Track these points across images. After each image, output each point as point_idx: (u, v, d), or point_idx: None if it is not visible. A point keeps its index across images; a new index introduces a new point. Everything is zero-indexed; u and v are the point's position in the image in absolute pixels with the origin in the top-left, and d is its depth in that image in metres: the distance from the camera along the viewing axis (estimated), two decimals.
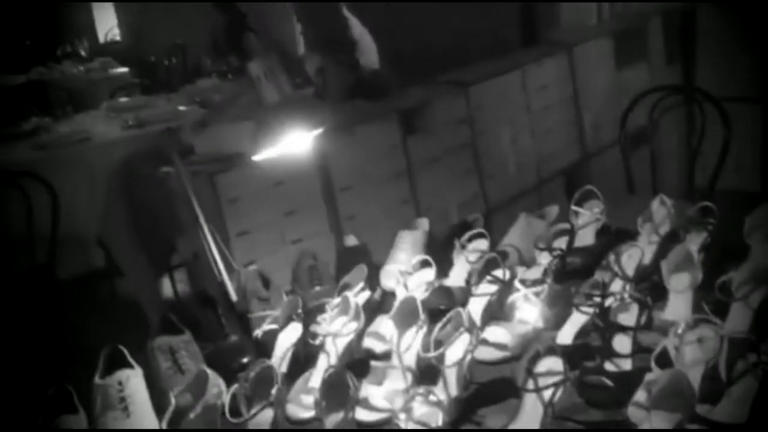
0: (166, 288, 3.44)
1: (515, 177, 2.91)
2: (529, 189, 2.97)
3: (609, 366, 1.20)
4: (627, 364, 1.20)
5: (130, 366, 1.32)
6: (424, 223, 1.83)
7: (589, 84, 3.27)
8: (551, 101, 3.11)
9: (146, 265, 2.94)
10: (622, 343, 1.24)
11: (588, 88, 3.26)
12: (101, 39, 7.51)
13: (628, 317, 1.29)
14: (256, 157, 1.36)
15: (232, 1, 4.67)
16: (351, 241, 1.83)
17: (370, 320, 1.44)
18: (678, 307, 1.33)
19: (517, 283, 1.44)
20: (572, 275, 1.55)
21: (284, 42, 5.37)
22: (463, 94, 2.71)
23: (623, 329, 1.26)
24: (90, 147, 3.42)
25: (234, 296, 1.61)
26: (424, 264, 1.60)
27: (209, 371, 1.30)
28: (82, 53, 5.75)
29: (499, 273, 1.50)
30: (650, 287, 1.41)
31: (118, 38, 7.44)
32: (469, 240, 1.67)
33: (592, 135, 3.27)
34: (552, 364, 1.16)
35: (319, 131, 1.34)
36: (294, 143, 1.34)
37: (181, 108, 3.78)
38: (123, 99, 4.18)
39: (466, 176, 2.72)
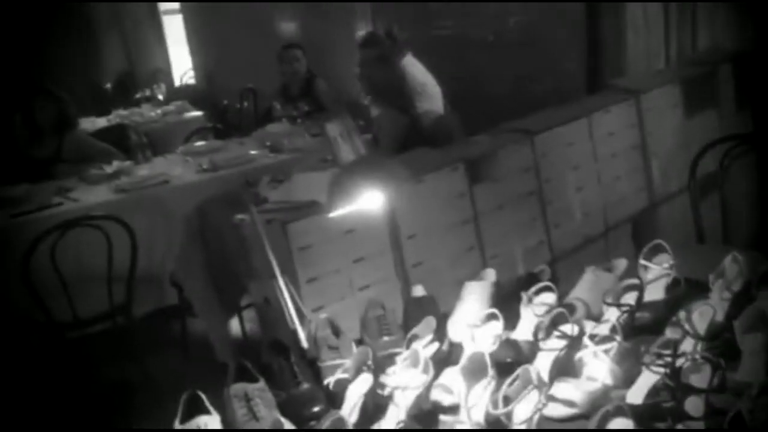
0: (235, 327, 3.55)
1: (581, 225, 2.90)
2: (595, 237, 2.95)
3: (681, 428, 1.19)
4: (699, 427, 1.19)
5: (207, 411, 1.38)
6: (490, 275, 1.85)
7: (657, 131, 3.25)
8: (618, 148, 3.10)
9: (217, 305, 3.04)
10: (694, 404, 1.23)
11: (656, 135, 3.24)
12: (176, 83, 7.84)
13: (701, 378, 1.28)
14: (332, 213, 1.42)
15: (296, 48, 4.85)
16: (418, 291, 1.87)
17: (438, 372, 1.46)
18: (752, 368, 1.31)
19: (585, 339, 1.45)
20: (642, 331, 1.55)
21: (348, 87, 5.53)
22: (529, 142, 2.73)
23: (695, 390, 1.25)
24: (167, 190, 3.56)
25: (305, 344, 1.67)
26: (492, 316, 1.62)
27: (283, 419, 1.35)
28: (160, 97, 6.03)
29: (567, 328, 1.51)
30: (723, 347, 1.39)
31: (192, 81, 7.76)
32: (536, 293, 1.68)
33: (660, 182, 3.23)
34: (622, 424, 1.16)
35: (390, 186, 1.40)
36: (368, 200, 1.40)
37: (253, 152, 3.91)
38: (198, 143, 4.34)
39: (531, 224, 2.73)
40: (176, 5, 7.60)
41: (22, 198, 3.46)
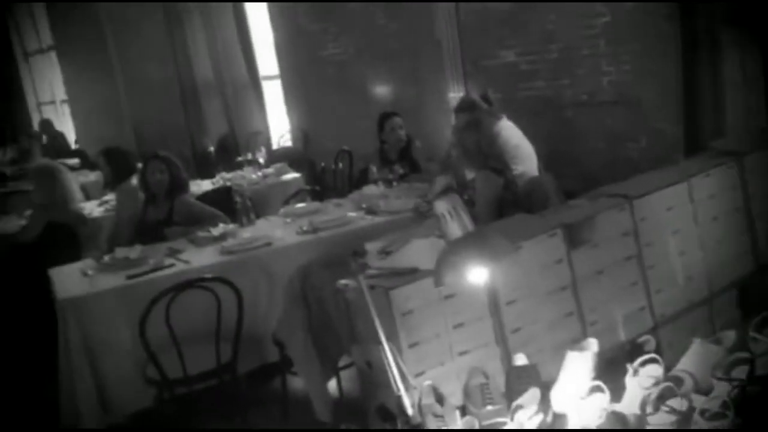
0: (332, 386, 3.62)
1: (684, 290, 2.84)
2: (699, 302, 2.88)
3: None
4: None
5: None
6: (593, 345, 1.85)
7: (761, 192, 3.16)
8: (720, 211, 3.03)
9: (318, 364, 3.12)
10: None
11: (760, 197, 3.15)
12: (274, 145, 8.18)
13: None
14: (440, 286, 1.48)
15: (397, 116, 5.00)
16: (521, 359, 1.89)
17: None
18: None
19: (695, 415, 1.44)
20: (754, 407, 1.52)
21: (440, 148, 5.65)
22: (627, 206, 2.72)
23: None
24: (270, 251, 3.73)
25: (411, 411, 1.72)
26: (596, 389, 1.62)
27: None
28: (261, 160, 6.31)
29: (675, 402, 1.50)
30: None
31: (289, 143, 8.08)
32: (642, 364, 1.68)
33: (766, 245, 3.13)
34: None
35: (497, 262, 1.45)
36: (475, 275, 1.45)
37: (351, 214, 4.04)
38: (299, 205, 4.52)
39: (631, 289, 2.69)
40: (275, 71, 7.98)
41: (137, 260, 3.69)
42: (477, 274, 1.49)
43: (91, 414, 3.36)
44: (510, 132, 4.11)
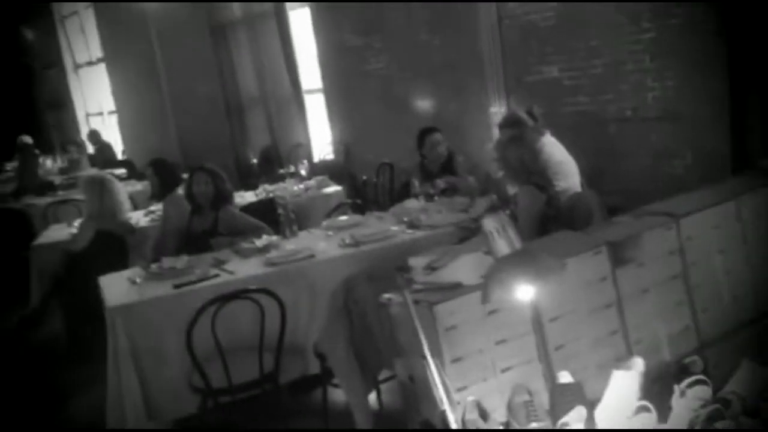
0: (372, 398, 3.64)
1: (731, 310, 2.80)
2: (746, 322, 2.83)
3: None
4: None
5: None
6: (638, 364, 1.85)
7: None
8: None
9: (359, 376, 3.15)
10: None
11: None
12: (315, 158, 8.27)
13: None
14: (487, 303, 1.50)
15: (437, 132, 5.03)
16: (565, 377, 1.89)
17: None
18: None
19: None
20: None
21: (481, 163, 5.65)
22: (674, 225, 2.70)
23: None
24: (312, 264, 3.77)
25: (455, 426, 1.73)
26: (643, 409, 1.62)
27: None
28: (303, 172, 6.39)
29: (723, 424, 1.49)
30: None
31: (330, 156, 8.16)
32: (689, 385, 1.67)
33: None
34: None
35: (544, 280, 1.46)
36: (522, 292, 1.47)
37: (393, 228, 4.07)
38: (342, 217, 4.56)
39: (677, 308, 2.66)
40: (318, 85, 8.08)
41: (184, 269, 3.77)
42: (524, 292, 1.50)
43: (136, 419, 3.43)
44: (553, 148, 4.10)
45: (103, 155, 10.55)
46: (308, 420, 3.63)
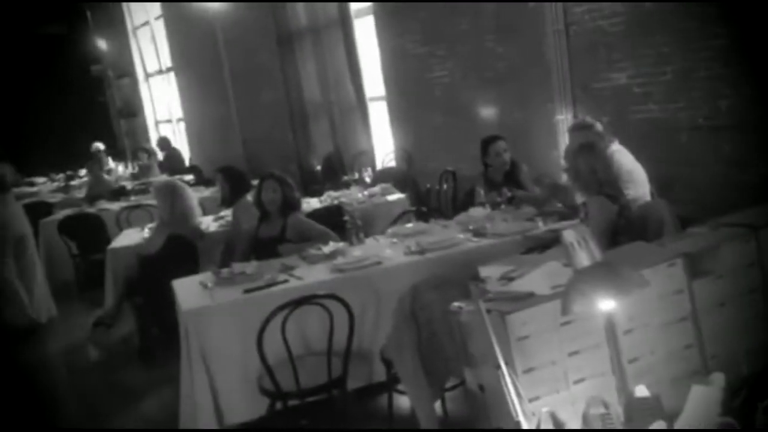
0: (437, 405, 3.65)
1: None
2: None
3: None
4: None
5: None
6: (719, 379, 1.81)
7: None
8: None
9: (425, 384, 3.16)
10: None
11: None
12: (378, 165, 8.33)
13: None
14: (567, 314, 1.50)
15: (501, 140, 5.00)
16: (641, 391, 1.86)
17: None
18: None
19: None
20: None
21: (547, 171, 5.60)
22: (752, 237, 2.62)
23: None
24: (379, 270, 3.81)
25: None
26: (727, 425, 1.59)
27: None
28: (367, 180, 6.45)
29: None
30: None
31: (393, 164, 8.20)
32: None
33: None
34: None
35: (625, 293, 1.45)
36: (603, 305, 1.46)
37: (459, 236, 4.08)
38: (408, 225, 4.59)
39: (755, 322, 2.58)
40: (381, 92, 8.15)
41: (253, 275, 3.85)
42: (605, 305, 1.49)
43: (206, 419, 3.53)
44: (623, 156, 4.04)
45: (172, 162, 10.87)
46: (373, 426, 3.67)
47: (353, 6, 8.13)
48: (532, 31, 5.80)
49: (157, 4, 12.67)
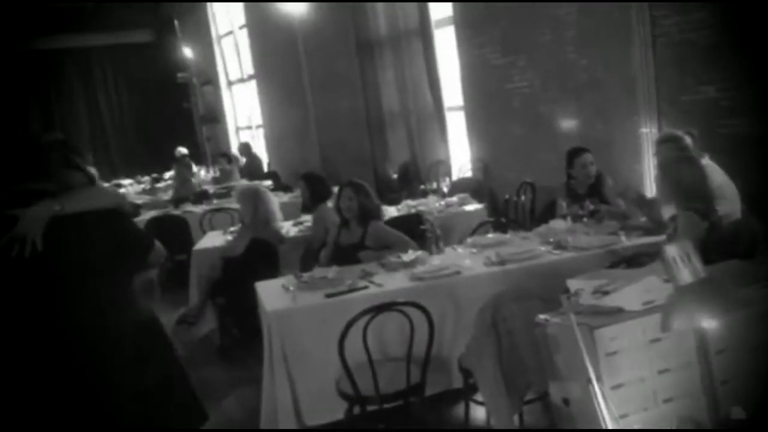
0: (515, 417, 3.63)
1: None
2: None
3: None
4: None
5: None
6: None
7: None
8: None
9: (505, 396, 3.15)
10: None
11: None
12: (455, 174, 8.33)
13: None
14: (667, 332, 1.49)
15: (587, 152, 4.93)
16: (738, 413, 1.83)
17: None
18: None
19: None
20: None
21: (630, 184, 5.49)
22: None
23: None
24: (458, 280, 3.82)
25: None
26: None
27: None
28: (445, 189, 6.47)
29: None
30: None
31: (469, 174, 8.19)
32: None
33: None
34: None
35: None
36: (705, 323, 1.44)
37: (540, 248, 4.05)
38: (489, 235, 4.58)
39: None
40: (459, 102, 8.16)
41: (334, 280, 3.93)
42: (708, 323, 1.47)
43: (287, 420, 3.61)
44: (712, 171, 3.93)
45: (252, 167, 11.15)
46: None
47: (434, 16, 8.17)
48: (616, 42, 5.70)
49: (242, 15, 13.04)
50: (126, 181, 11.97)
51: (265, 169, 11.95)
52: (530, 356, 2.93)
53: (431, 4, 8.12)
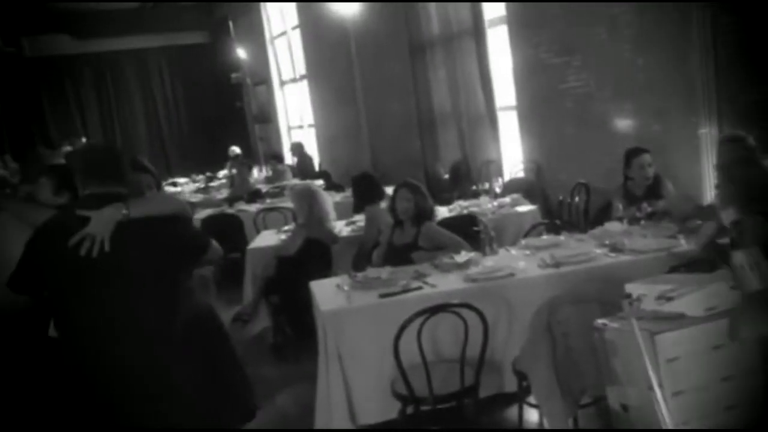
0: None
1: None
2: None
3: None
4: None
5: None
6: None
7: None
8: None
9: (560, 399, 3.14)
10: None
11: None
12: (506, 175, 8.28)
13: None
14: (735, 339, 1.47)
15: (646, 153, 4.84)
16: None
17: None
18: None
19: None
20: None
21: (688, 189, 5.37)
22: None
23: None
24: (512, 282, 3.81)
25: None
26: None
27: None
28: (497, 190, 6.44)
29: None
30: None
31: (521, 174, 8.13)
32: None
33: None
34: None
35: None
36: None
37: (596, 251, 4.01)
38: (543, 236, 4.55)
39: None
40: (512, 102, 8.10)
41: (388, 280, 3.96)
42: None
43: (341, 418, 3.66)
44: None
45: (304, 167, 11.28)
46: None
47: (487, 16, 8.13)
48: (675, 43, 5.59)
49: (295, 15, 13.19)
50: (181, 180, 12.22)
51: (316, 168, 12.06)
52: (586, 360, 2.91)
53: (484, 4, 8.08)
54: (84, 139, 13.60)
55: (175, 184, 11.79)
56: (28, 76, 15.69)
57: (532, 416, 3.66)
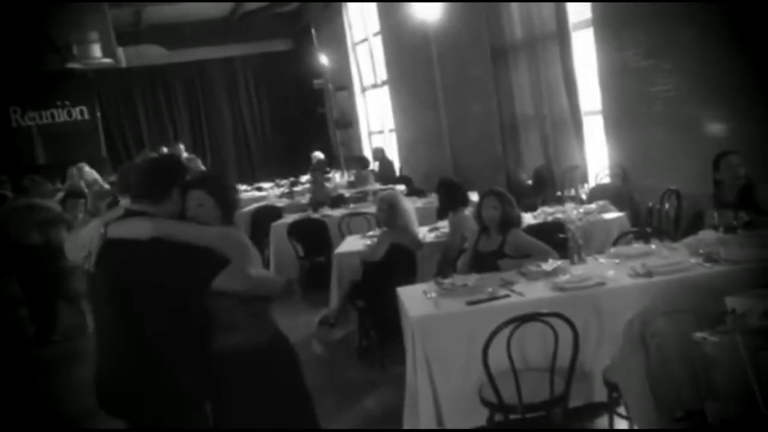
0: None
1: None
2: None
3: None
4: None
5: None
6: None
7: None
8: None
9: (654, 412, 3.07)
10: None
11: None
12: (591, 180, 8.13)
13: None
14: None
15: (735, 154, 4.67)
16: None
17: None
18: None
19: None
20: None
21: None
22: None
23: None
24: (602, 291, 3.76)
25: None
26: None
27: None
28: (583, 196, 6.34)
29: None
30: None
31: (606, 180, 7.97)
32: None
33: None
34: None
35: None
36: None
37: (691, 260, 3.91)
38: (633, 245, 4.46)
39: None
40: (597, 106, 7.96)
41: (474, 287, 3.97)
42: None
43: (428, 423, 3.70)
44: None
45: (385, 172, 11.39)
46: None
47: (572, 19, 8.02)
48: None
49: (377, 22, 13.34)
50: (266, 185, 12.53)
51: (397, 173, 12.15)
52: (682, 372, 2.86)
53: (569, 6, 7.97)
54: (181, 145, 14.12)
55: (260, 189, 12.09)
56: (124, 86, 16.51)
57: (622, 426, 3.60)
